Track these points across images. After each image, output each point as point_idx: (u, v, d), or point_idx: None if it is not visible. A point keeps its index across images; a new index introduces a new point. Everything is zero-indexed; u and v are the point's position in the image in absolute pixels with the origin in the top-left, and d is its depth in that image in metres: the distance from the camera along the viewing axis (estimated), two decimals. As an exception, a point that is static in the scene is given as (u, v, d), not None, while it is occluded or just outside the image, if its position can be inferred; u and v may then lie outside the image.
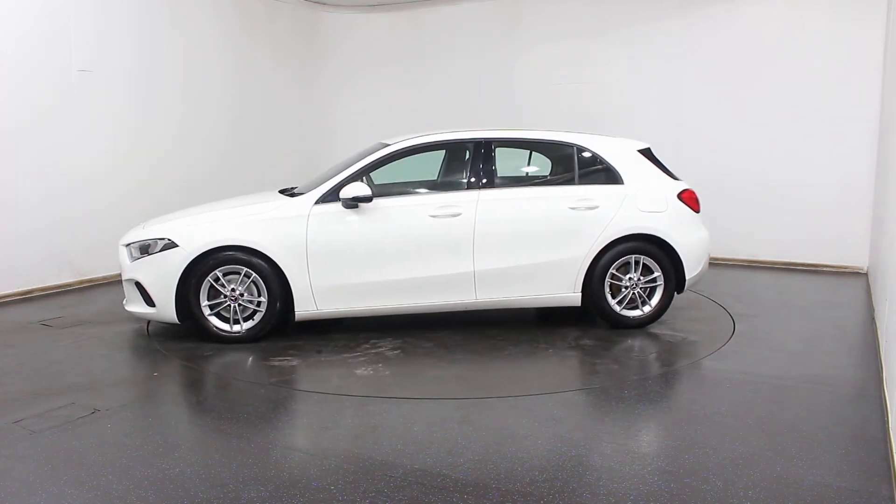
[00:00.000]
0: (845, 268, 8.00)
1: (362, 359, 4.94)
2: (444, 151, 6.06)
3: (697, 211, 5.71)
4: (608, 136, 5.88)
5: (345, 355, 5.03)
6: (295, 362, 4.91)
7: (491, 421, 3.80)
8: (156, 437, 3.61)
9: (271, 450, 3.46)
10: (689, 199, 5.67)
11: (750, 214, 8.37)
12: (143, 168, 7.92)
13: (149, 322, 5.83)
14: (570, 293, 5.50)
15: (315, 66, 10.41)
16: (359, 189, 5.19)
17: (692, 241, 5.60)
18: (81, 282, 7.38)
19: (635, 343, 5.32)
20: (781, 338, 5.40)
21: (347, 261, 5.23)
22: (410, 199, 5.44)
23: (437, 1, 9.98)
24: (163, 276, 5.13)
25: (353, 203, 5.22)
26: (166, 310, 5.17)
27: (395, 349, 5.16)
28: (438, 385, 4.42)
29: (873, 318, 5.87)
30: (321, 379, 4.60)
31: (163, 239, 5.20)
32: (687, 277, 5.58)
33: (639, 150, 5.77)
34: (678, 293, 5.70)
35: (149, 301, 5.24)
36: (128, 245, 5.38)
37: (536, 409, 4.01)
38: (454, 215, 5.31)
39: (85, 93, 7.26)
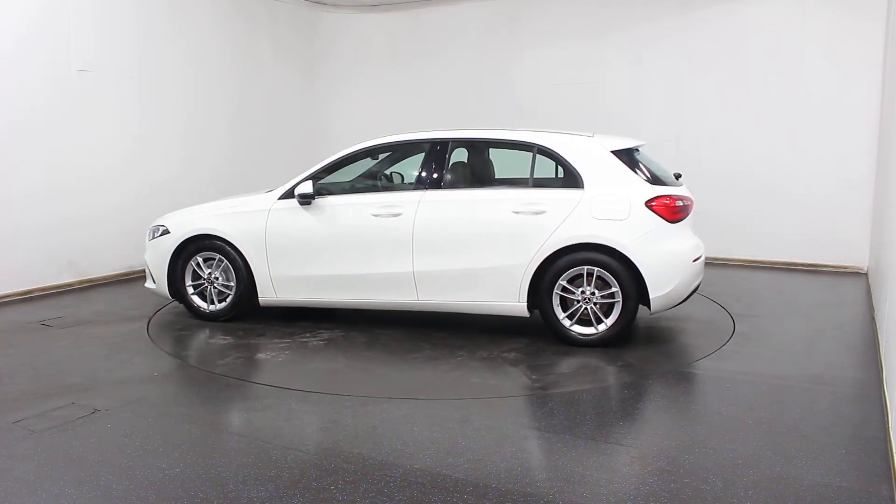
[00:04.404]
0: (845, 268, 7.99)
1: (283, 345, 5.24)
2: (416, 151, 5.94)
3: (674, 221, 4.97)
4: (577, 135, 5.30)
5: (276, 340, 5.35)
6: (227, 341, 5.34)
7: (491, 421, 3.80)
8: (156, 437, 3.61)
9: (271, 450, 3.45)
10: (661, 207, 4.94)
11: (750, 214, 8.36)
12: (144, 168, 7.93)
13: (149, 322, 5.91)
14: (513, 303, 5.13)
15: (316, 66, 10.40)
16: (305, 188, 5.47)
17: (659, 255, 4.90)
18: (81, 282, 7.38)
19: (557, 361, 4.81)
20: (781, 338, 5.39)
21: (298, 254, 5.56)
22: (356, 198, 5.56)
23: (437, 1, 9.97)
24: (159, 257, 5.92)
25: (305, 200, 5.49)
26: (162, 286, 5.93)
27: (325, 340, 5.37)
28: (304, 377, 4.57)
29: (873, 318, 5.87)
30: (219, 358, 4.94)
31: (162, 226, 5.97)
32: (651, 296, 4.90)
33: (613, 151, 5.13)
34: (650, 313, 5.10)
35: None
36: (150, 228, 6.13)
37: (536, 409, 4.01)
38: (395, 215, 5.32)
39: (85, 93, 7.26)
